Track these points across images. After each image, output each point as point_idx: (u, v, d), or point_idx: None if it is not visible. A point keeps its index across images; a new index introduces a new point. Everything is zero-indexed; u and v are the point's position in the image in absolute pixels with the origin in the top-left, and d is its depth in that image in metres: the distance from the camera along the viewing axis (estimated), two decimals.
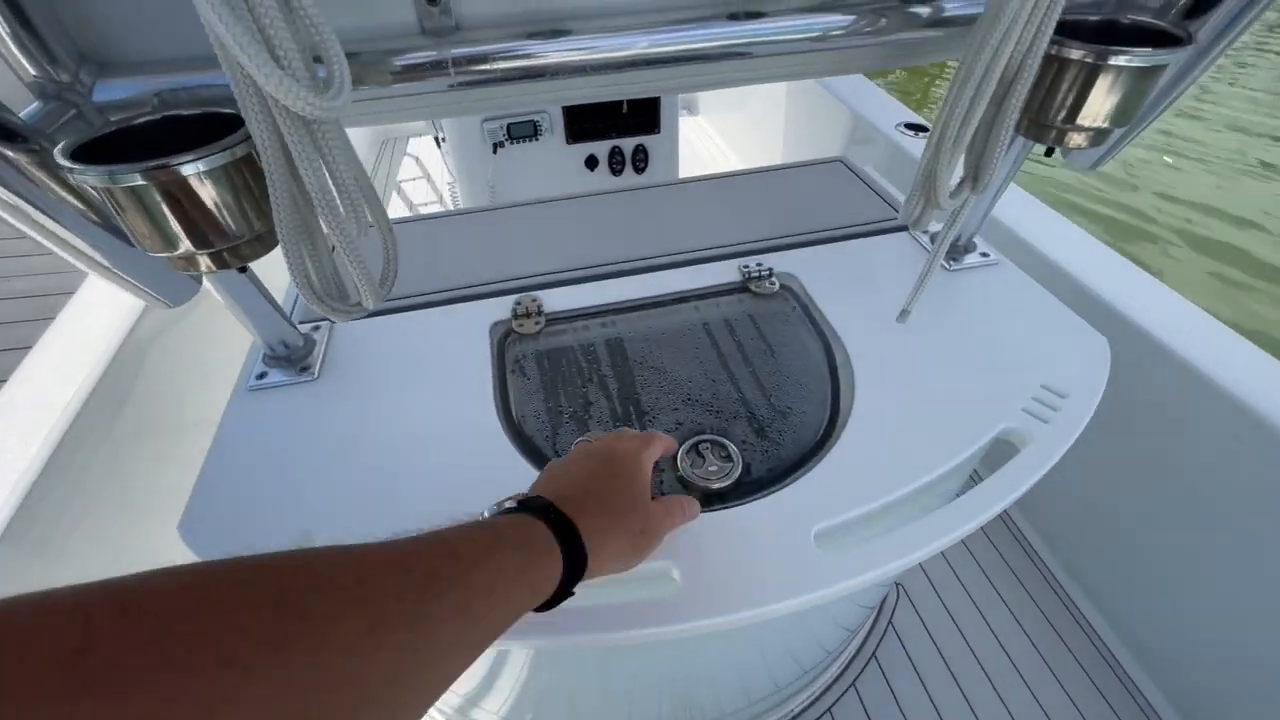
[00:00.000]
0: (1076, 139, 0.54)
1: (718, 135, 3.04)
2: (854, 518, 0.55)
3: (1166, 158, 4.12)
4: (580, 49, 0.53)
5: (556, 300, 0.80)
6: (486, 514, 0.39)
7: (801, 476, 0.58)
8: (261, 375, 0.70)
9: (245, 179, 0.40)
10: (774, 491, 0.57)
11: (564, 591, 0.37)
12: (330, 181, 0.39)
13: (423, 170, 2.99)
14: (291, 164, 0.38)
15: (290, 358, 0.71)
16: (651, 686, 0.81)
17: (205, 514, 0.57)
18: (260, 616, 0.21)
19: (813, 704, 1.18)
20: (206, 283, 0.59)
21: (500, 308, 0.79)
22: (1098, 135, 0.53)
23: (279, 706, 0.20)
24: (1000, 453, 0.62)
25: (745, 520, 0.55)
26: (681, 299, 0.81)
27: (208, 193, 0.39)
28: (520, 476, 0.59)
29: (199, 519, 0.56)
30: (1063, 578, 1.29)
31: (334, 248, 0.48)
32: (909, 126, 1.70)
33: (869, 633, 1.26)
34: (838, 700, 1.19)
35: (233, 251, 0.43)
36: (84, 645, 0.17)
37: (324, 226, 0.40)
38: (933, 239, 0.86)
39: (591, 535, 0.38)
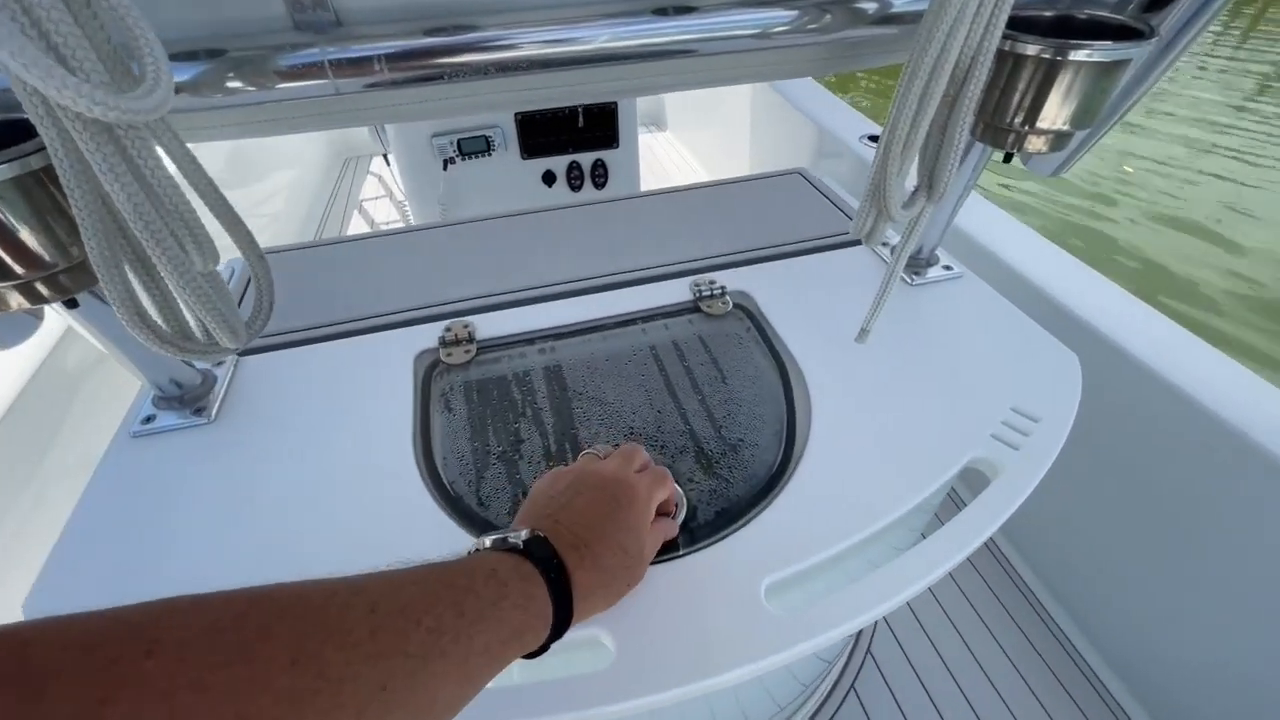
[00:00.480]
0: (1036, 143, 0.49)
1: (686, 151, 3.02)
2: (808, 567, 0.49)
3: (1127, 167, 4.19)
4: (487, 48, 0.47)
5: (491, 325, 0.73)
6: (488, 542, 0.38)
7: (751, 521, 0.52)
8: (149, 419, 0.62)
9: (51, 195, 0.33)
10: (720, 539, 0.51)
11: (541, 650, 0.36)
12: (151, 202, 0.32)
13: (385, 189, 2.91)
14: (96, 180, 0.31)
15: (184, 398, 0.63)
16: None
17: (61, 586, 0.49)
18: (279, 670, 0.21)
19: None
20: (68, 318, 0.52)
21: (429, 335, 0.72)
22: (1058, 139, 0.48)
23: None
24: (977, 475, 0.57)
25: (687, 574, 0.49)
26: (628, 321, 0.75)
27: None
28: (440, 531, 0.52)
29: (52, 591, 0.48)
30: (1044, 597, 1.25)
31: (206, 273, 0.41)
32: (873, 139, 1.68)
33: (847, 663, 1.20)
34: None
35: (49, 283, 0.36)
36: (107, 695, 0.17)
37: (150, 255, 0.33)
38: (894, 253, 0.82)
39: (582, 597, 0.37)
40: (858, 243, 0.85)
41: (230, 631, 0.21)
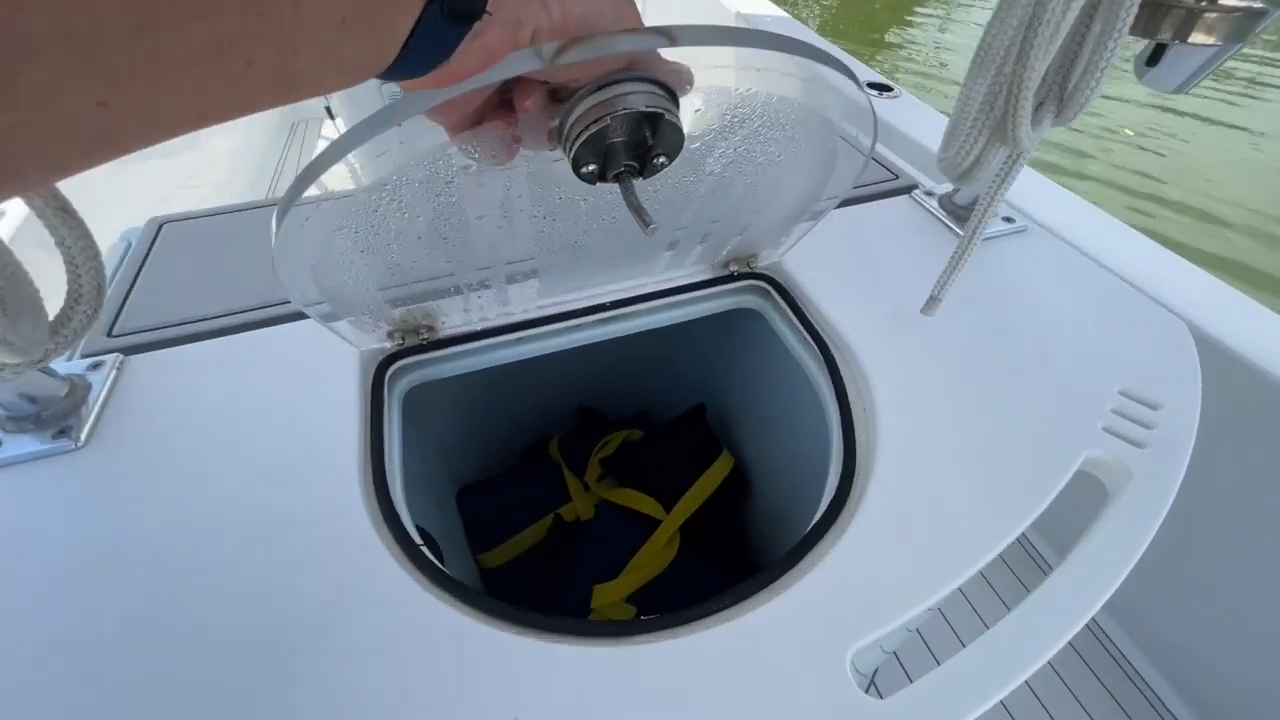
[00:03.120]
0: (1205, 31, 0.35)
1: None
2: (906, 622, 0.36)
3: (1128, 130, 3.89)
4: None
5: (454, 314, 0.57)
6: None
7: (816, 562, 0.39)
8: None
9: None
10: (782, 589, 0.38)
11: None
12: None
13: None
14: None
15: (41, 416, 0.47)
16: None
17: None
18: None
19: None
20: None
21: (376, 324, 0.56)
22: (1246, 20, 0.35)
23: None
24: (1088, 484, 0.44)
25: (747, 640, 0.36)
26: (621, 303, 0.60)
27: None
28: (399, 593, 0.38)
29: None
30: (1142, 667, 1.10)
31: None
32: (872, 86, 1.53)
33: None
34: None
35: None
36: None
37: None
38: (941, 203, 0.68)
39: None
40: (896, 192, 0.71)
41: None
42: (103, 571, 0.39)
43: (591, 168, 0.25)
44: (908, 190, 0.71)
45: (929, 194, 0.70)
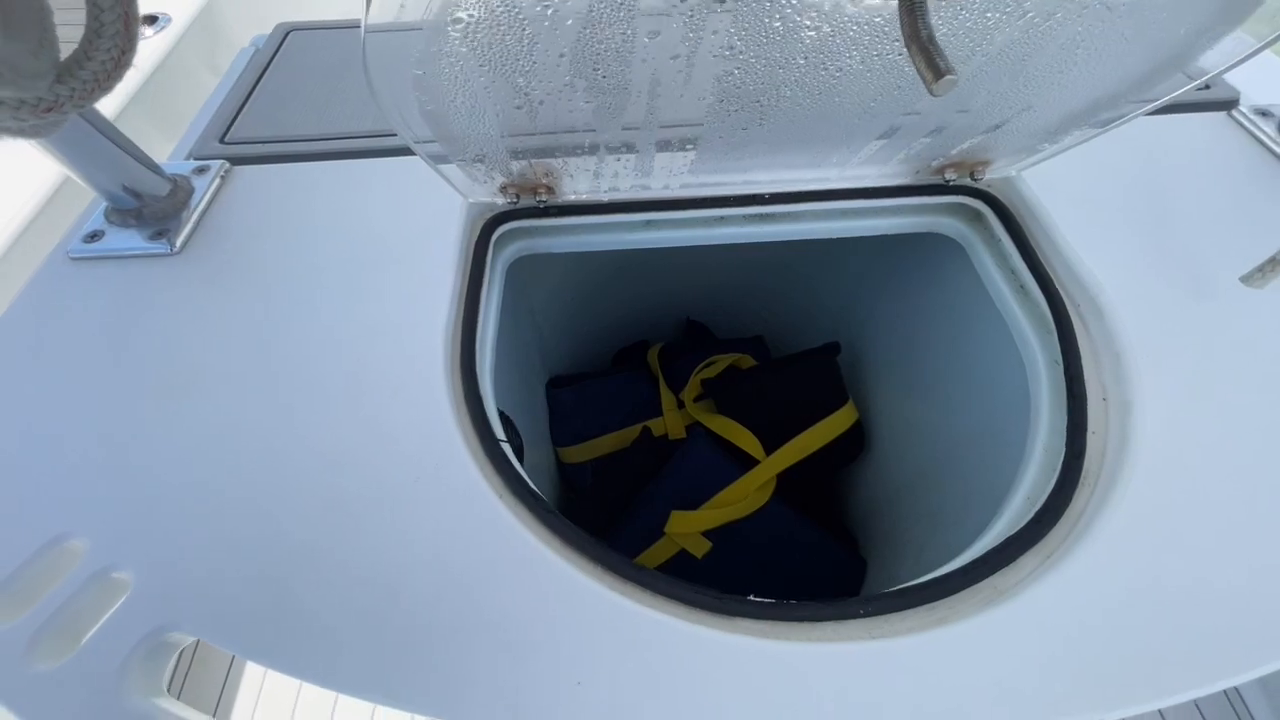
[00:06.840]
0: None
1: None
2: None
3: None
4: None
5: (581, 177, 0.47)
6: None
7: (1008, 594, 0.28)
8: (94, 235, 0.43)
9: None
10: (937, 615, 0.27)
11: None
12: None
13: None
14: None
15: (142, 213, 0.44)
16: None
17: None
18: None
19: None
20: None
21: (490, 174, 0.48)
22: None
23: None
24: None
25: (879, 662, 0.26)
26: (791, 198, 0.47)
27: None
28: (465, 494, 0.32)
29: None
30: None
31: None
32: None
33: None
34: None
35: None
36: None
37: None
38: None
39: None
40: (1208, 106, 0.50)
41: None
42: (174, 391, 0.36)
43: None
44: (1226, 106, 0.50)
45: (1263, 114, 0.48)
